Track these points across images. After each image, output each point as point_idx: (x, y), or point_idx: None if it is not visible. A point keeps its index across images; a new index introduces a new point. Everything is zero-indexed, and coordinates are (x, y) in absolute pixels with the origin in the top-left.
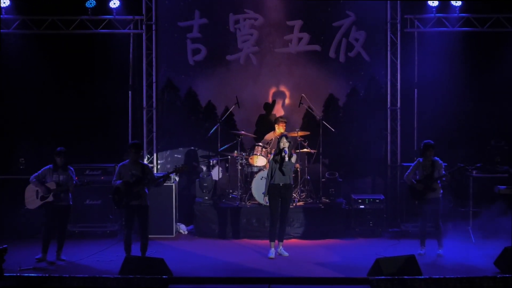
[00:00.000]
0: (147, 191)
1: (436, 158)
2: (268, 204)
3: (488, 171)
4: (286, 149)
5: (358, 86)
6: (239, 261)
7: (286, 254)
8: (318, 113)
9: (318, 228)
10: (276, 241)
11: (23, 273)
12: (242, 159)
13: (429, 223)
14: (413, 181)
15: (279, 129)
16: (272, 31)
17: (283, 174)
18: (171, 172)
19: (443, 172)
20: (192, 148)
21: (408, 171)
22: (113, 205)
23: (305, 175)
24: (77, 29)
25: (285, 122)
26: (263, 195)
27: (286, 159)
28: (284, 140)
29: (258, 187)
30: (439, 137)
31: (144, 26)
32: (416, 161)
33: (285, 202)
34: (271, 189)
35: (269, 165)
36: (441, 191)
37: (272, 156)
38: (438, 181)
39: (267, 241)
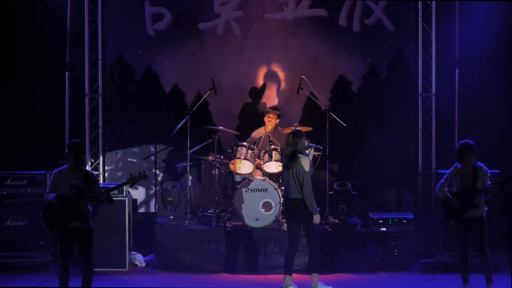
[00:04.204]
0: (90, 208)
1: (479, 163)
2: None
3: None
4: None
5: (378, 65)
6: None
7: None
8: (323, 101)
9: (324, 258)
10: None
11: None
12: (220, 165)
13: (472, 252)
14: (448, 194)
15: (270, 123)
16: None
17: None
18: (125, 183)
19: (489, 182)
20: (152, 149)
21: (442, 180)
22: (44, 227)
23: None
24: None
25: (278, 115)
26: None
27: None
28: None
29: (243, 203)
30: (489, 134)
31: None
32: (452, 168)
33: (302, 222)
34: (284, 205)
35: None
36: (486, 208)
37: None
38: (482, 195)
39: (254, 276)
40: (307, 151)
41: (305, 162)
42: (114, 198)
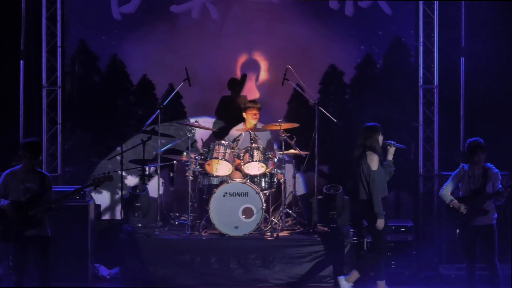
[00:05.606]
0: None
1: (489, 164)
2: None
3: None
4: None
5: (374, 53)
6: None
7: None
8: (312, 94)
9: (312, 271)
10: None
11: None
12: (195, 165)
13: (479, 264)
14: (453, 198)
15: (250, 120)
16: None
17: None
18: (87, 186)
19: (499, 185)
20: (118, 148)
21: (446, 183)
22: None
23: (292, 190)
24: None
25: (259, 109)
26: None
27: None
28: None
29: (220, 209)
30: (499, 131)
31: None
32: (459, 169)
33: (368, 225)
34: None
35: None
36: (495, 215)
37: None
38: (492, 200)
39: None
40: (388, 147)
41: (373, 160)
42: (74, 204)
